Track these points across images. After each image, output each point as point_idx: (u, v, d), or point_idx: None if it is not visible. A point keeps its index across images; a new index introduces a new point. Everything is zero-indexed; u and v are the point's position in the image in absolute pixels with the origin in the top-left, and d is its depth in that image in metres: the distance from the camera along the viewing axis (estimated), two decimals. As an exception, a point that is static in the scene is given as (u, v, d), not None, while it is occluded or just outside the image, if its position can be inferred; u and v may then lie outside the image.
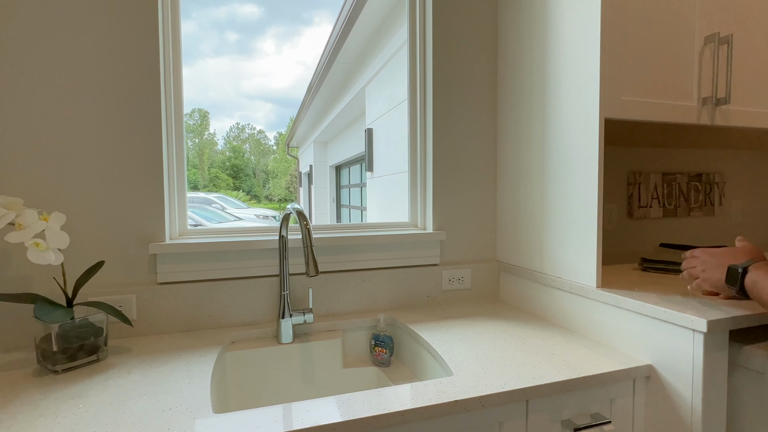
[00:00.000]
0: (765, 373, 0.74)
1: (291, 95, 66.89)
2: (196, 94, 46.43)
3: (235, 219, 8.17)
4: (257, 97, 67.51)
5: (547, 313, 1.13)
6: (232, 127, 39.50)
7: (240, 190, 27.91)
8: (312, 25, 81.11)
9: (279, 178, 29.09)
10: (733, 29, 1.09)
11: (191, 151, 31.24)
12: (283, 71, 73.18)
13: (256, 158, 34.10)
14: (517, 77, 1.24)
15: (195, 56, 59.83)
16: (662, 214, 1.60)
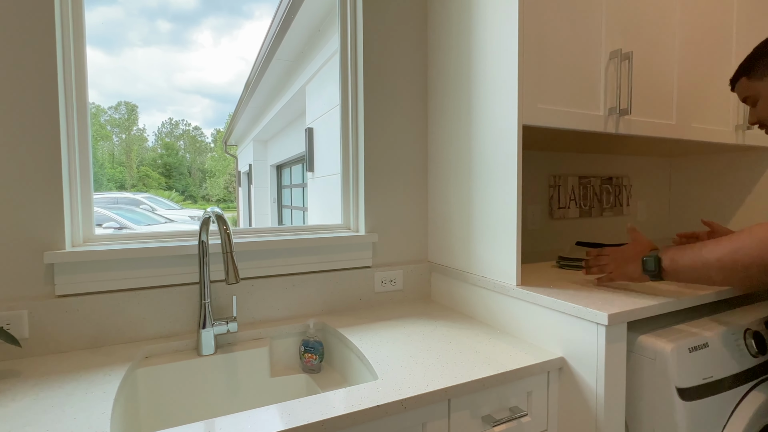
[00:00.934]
0: (656, 358, 0.82)
1: (230, 91, 64.04)
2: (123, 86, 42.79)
3: (166, 221, 7.65)
4: (193, 92, 63.79)
5: (475, 312, 1.17)
6: (165, 122, 36.92)
7: (173, 190, 26.19)
8: (253, 19, 78.24)
9: (217, 178, 27.73)
10: (633, 47, 1.20)
11: (117, 148, 28.76)
12: (221, 65, 69.85)
13: (192, 156, 32.26)
14: (446, 83, 1.27)
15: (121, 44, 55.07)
16: (579, 214, 1.72)
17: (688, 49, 1.33)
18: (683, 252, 0.85)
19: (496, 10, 1.05)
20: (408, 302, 1.33)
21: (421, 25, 1.35)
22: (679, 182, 2.01)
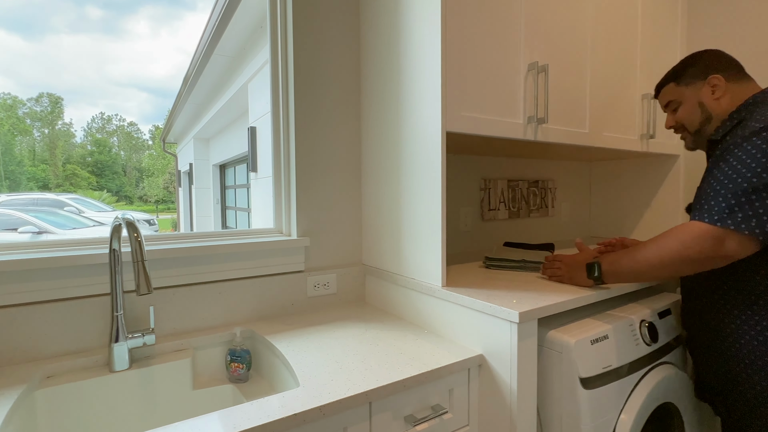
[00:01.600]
0: (562, 351, 0.88)
1: (171, 85, 60.45)
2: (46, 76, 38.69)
3: (95, 224, 7.08)
4: (129, 85, 59.50)
5: (405, 313, 1.19)
6: (96, 117, 34.10)
7: (105, 190, 24.28)
8: (196, 11, 74.50)
9: (156, 177, 26.06)
10: (549, 60, 1.29)
11: (39, 144, 26.17)
12: (161, 58, 65.81)
13: (127, 154, 30.14)
14: (376, 87, 1.29)
15: (43, 30, 49.96)
16: (508, 216, 1.82)
17: (598, 63, 1.44)
18: (619, 257, 0.96)
19: (420, 20, 1.07)
20: (342, 306, 1.33)
21: (354, 28, 1.36)
22: (598, 185, 2.18)
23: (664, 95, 1.12)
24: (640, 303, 1.11)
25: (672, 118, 1.11)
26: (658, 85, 1.14)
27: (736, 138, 0.88)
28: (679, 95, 1.07)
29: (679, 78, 1.08)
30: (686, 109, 1.06)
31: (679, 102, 1.07)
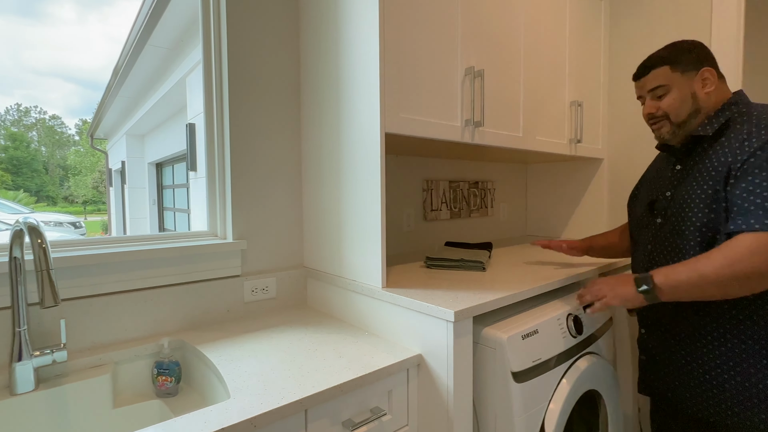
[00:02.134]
0: (495, 347, 0.91)
1: (101, 77, 55.83)
2: (-53, 61, 33.87)
3: (6, 228, 6.35)
4: (51, 74, 54.16)
5: (346, 315, 1.18)
6: (10, 108, 30.64)
7: (22, 189, 21.92)
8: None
9: (83, 176, 23.93)
10: (485, 65, 1.33)
11: (-61, 137, 23.15)
12: (89, 46, 60.54)
13: (50, 150, 27.44)
14: (316, 86, 1.26)
15: (-57, 9, 44.12)
16: (450, 216, 1.86)
17: (531, 70, 1.52)
18: (675, 269, 0.87)
19: (359, 23, 1.07)
20: (282, 310, 1.29)
21: (292, 21, 1.32)
22: (534, 186, 2.30)
23: (654, 78, 1.00)
24: (567, 297, 1.18)
25: (654, 105, 1.00)
26: (648, 66, 1.01)
27: (752, 142, 0.85)
28: (671, 81, 0.98)
29: (675, 63, 0.97)
30: (676, 98, 0.97)
31: (669, 89, 0.98)
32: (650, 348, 1.05)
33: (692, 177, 0.95)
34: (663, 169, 1.09)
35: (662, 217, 1.01)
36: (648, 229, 1.05)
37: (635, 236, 1.12)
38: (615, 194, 2.00)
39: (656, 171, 1.12)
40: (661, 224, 1.01)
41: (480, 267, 1.28)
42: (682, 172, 1.00)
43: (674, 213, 0.97)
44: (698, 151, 0.96)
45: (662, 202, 1.02)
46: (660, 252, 1.00)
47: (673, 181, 1.01)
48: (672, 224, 0.97)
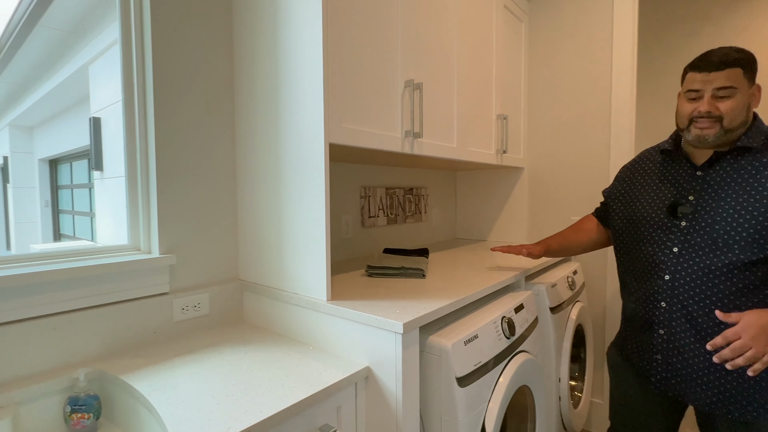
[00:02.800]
0: (441, 355, 0.95)
1: (-29, 55, 47.31)
2: None
3: None
4: None
5: (289, 330, 1.14)
6: None
7: None
8: (8, -35, 59.76)
9: (-51, 172, 20.07)
10: (424, 78, 1.38)
11: None
12: (-47, 18, 51.03)
13: None
14: (253, 93, 1.20)
15: None
16: (386, 222, 1.89)
17: (463, 85, 1.60)
18: None
19: (302, 34, 1.04)
20: (216, 328, 1.21)
21: (225, 12, 1.24)
22: (463, 191, 2.42)
23: (727, 77, 0.95)
24: (500, 301, 1.27)
25: (714, 104, 0.96)
26: (724, 62, 0.95)
27: None
28: (740, 85, 0.94)
29: (748, 69, 0.95)
30: (739, 103, 0.95)
31: (736, 92, 0.95)
32: (670, 351, 1.04)
33: (728, 187, 0.98)
34: (672, 171, 1.10)
35: (688, 221, 1.02)
36: (668, 230, 1.05)
37: (638, 235, 1.12)
38: (534, 200, 2.19)
39: (660, 173, 1.13)
40: (688, 228, 1.02)
41: (420, 274, 1.32)
42: (704, 178, 1.02)
43: (713, 220, 0.98)
44: (731, 161, 0.98)
45: (687, 206, 1.03)
46: (693, 255, 1.00)
47: (696, 187, 1.03)
48: (707, 230, 0.99)
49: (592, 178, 1.99)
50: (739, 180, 0.97)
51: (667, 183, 1.10)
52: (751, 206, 0.94)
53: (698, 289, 0.99)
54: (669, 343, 1.05)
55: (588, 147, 2.00)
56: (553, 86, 2.09)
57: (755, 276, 0.94)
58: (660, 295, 1.06)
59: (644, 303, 1.10)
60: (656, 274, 1.07)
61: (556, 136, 2.09)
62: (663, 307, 1.06)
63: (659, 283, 1.06)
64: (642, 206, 1.14)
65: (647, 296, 1.09)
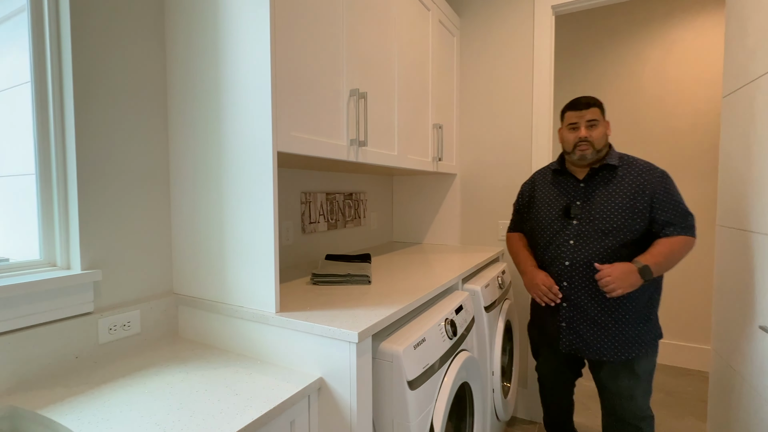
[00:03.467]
0: (392, 360, 0.98)
1: None
2: None
3: None
4: None
5: (233, 345, 1.09)
6: None
7: None
8: None
9: None
10: (368, 88, 1.40)
11: None
12: None
13: None
14: (192, 98, 1.13)
15: None
16: (327, 228, 1.88)
17: (403, 95, 1.65)
18: (655, 256, 1.32)
19: (248, 42, 1.00)
20: (150, 347, 1.11)
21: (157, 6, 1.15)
22: (399, 196, 2.49)
23: (593, 112, 1.42)
24: (441, 303, 1.33)
25: (587, 132, 1.42)
26: (589, 103, 1.43)
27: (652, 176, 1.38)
28: (600, 119, 1.43)
29: (602, 108, 1.45)
30: (600, 132, 1.43)
31: (599, 124, 1.43)
32: (572, 319, 1.45)
33: (605, 194, 1.42)
34: (561, 183, 1.53)
35: (578, 220, 1.44)
36: (564, 228, 1.46)
37: (544, 233, 1.52)
38: (465, 204, 2.33)
39: (553, 186, 1.55)
40: (579, 225, 1.44)
41: (366, 280, 1.34)
42: (586, 188, 1.46)
43: (594, 217, 1.41)
44: (602, 175, 1.44)
45: (576, 209, 1.45)
46: (584, 245, 1.41)
47: (580, 194, 1.46)
48: (593, 225, 1.41)
49: (516, 184, 2.17)
50: (608, 187, 1.43)
51: (559, 193, 1.53)
52: (618, 205, 1.39)
53: (590, 268, 1.41)
54: (571, 312, 1.45)
55: (513, 154, 2.18)
56: (481, 97, 2.24)
57: (627, 252, 1.38)
58: (563, 277, 1.46)
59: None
60: (559, 261, 1.47)
61: (485, 144, 2.25)
62: (565, 285, 1.46)
63: (561, 268, 1.46)
64: (544, 212, 1.54)
65: (554, 278, 1.48)
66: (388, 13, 1.53)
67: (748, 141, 1.41)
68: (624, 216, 1.37)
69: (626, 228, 1.37)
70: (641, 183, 1.39)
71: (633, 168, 1.43)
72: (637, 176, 1.40)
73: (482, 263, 1.81)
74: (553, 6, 2.04)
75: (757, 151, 1.34)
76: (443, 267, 1.64)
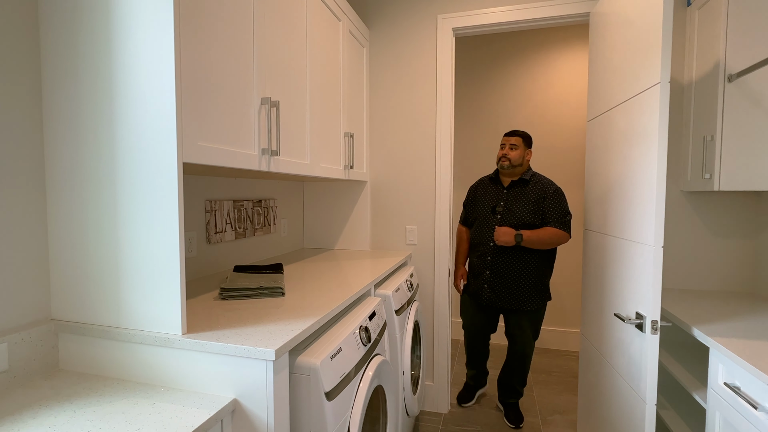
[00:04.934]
0: (310, 374, 0.98)
1: None
2: None
3: None
4: None
5: (132, 374, 0.99)
6: None
7: None
8: None
9: None
10: (280, 96, 1.38)
11: None
12: None
13: None
14: (78, 103, 1.00)
15: None
16: (235, 237, 1.80)
17: (315, 104, 1.66)
18: (528, 233, 2.01)
19: (151, 46, 0.92)
20: (22, 386, 0.96)
21: (27, 4, 0.99)
22: (310, 202, 2.48)
23: (516, 140, 2.13)
24: (355, 311, 1.37)
25: (508, 151, 2.13)
26: (517, 133, 2.15)
27: (548, 189, 2.07)
28: (520, 145, 2.13)
29: (524, 138, 2.16)
30: (517, 154, 2.12)
31: (517, 147, 2.12)
32: (492, 282, 2.14)
33: (519, 199, 2.10)
34: (493, 190, 2.21)
35: (501, 215, 2.12)
36: (492, 220, 2.14)
37: (479, 225, 2.20)
38: (376, 211, 2.40)
39: (485, 191, 2.24)
40: (501, 219, 2.11)
41: (279, 292, 1.32)
42: (509, 194, 2.15)
43: (510, 214, 2.09)
44: (518, 186, 2.13)
45: (500, 208, 2.14)
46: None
47: (504, 198, 2.15)
48: (509, 219, 2.09)
49: (422, 192, 2.31)
50: (521, 196, 2.12)
51: (491, 196, 2.21)
52: (526, 207, 2.08)
53: (507, 247, 2.10)
54: (492, 278, 2.15)
55: (420, 164, 2.31)
56: (390, 109, 2.34)
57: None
58: (488, 254, 2.15)
59: (480, 258, 2.19)
60: (486, 242, 2.16)
61: (394, 154, 2.35)
62: (489, 260, 2.15)
63: (488, 247, 2.15)
64: (480, 208, 2.23)
65: (482, 255, 2.18)
66: (300, 22, 1.53)
67: (607, 159, 1.71)
68: (528, 214, 2.06)
69: (529, 221, 2.05)
70: (542, 193, 2.07)
71: (539, 183, 2.11)
72: (540, 189, 2.08)
73: (392, 268, 1.90)
74: (453, 28, 2.21)
75: (612, 169, 1.64)
76: (356, 274, 1.68)
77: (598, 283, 1.76)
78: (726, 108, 1.59)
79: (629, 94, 1.50)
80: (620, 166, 1.56)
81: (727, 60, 1.59)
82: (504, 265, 2.10)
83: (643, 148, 1.37)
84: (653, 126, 1.30)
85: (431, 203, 2.31)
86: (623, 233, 1.51)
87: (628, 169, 1.49)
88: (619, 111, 1.59)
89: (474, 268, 2.23)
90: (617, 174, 1.59)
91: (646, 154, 1.34)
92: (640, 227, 1.38)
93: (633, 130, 1.46)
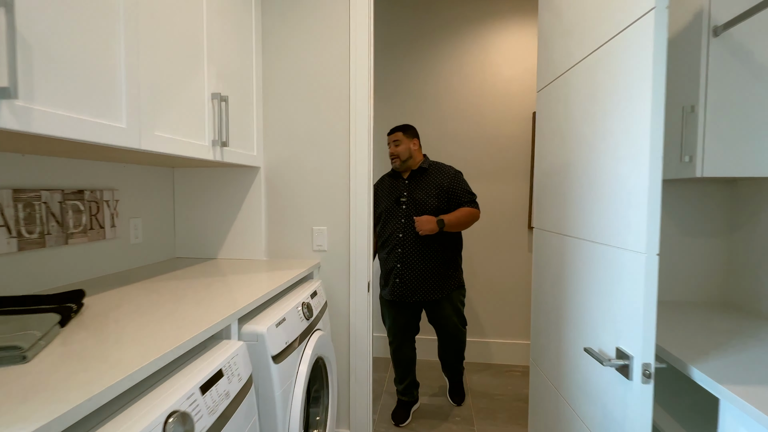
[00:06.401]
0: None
1: None
2: None
3: None
4: None
5: None
6: None
7: None
8: None
9: None
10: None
11: None
12: None
13: None
14: None
15: None
16: (18, 248, 1.13)
17: (133, 27, 1.05)
18: (448, 216, 2.00)
19: None
20: None
21: None
22: (183, 196, 1.84)
23: (396, 136, 2.10)
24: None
25: (393, 149, 2.11)
26: (396, 129, 2.11)
27: (449, 172, 2.11)
28: (402, 139, 2.10)
29: (405, 131, 2.11)
30: (403, 148, 2.09)
31: (400, 143, 2.09)
32: (403, 274, 2.07)
33: (421, 187, 2.07)
34: (393, 183, 2.16)
35: (406, 205, 2.07)
36: (397, 211, 2.09)
37: (386, 219, 2.12)
38: (273, 208, 1.83)
39: (387, 186, 2.18)
40: (406, 209, 2.06)
41: (16, 358, 0.70)
42: (410, 184, 2.11)
43: (415, 203, 2.05)
44: (418, 175, 2.11)
45: (404, 198, 2.08)
46: (411, 222, 2.05)
47: (407, 188, 2.10)
48: (415, 207, 2.05)
49: (334, 183, 1.78)
50: (422, 183, 2.09)
51: (393, 189, 2.16)
52: (429, 193, 2.05)
53: (417, 237, 2.05)
54: (403, 271, 2.08)
55: (330, 146, 1.78)
56: (291, 71, 1.77)
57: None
58: (398, 246, 2.08)
59: (390, 252, 2.11)
60: (395, 234, 2.08)
61: (296, 131, 1.79)
62: (399, 252, 2.08)
63: (397, 240, 2.08)
64: (384, 202, 2.15)
65: (391, 248, 2.10)
66: None
67: (565, 135, 1.28)
68: (433, 198, 2.04)
69: (434, 206, 2.03)
70: (442, 178, 2.09)
71: (439, 170, 2.13)
72: (440, 174, 2.10)
73: (282, 286, 1.33)
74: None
75: (573, 147, 1.20)
76: (218, 297, 1.10)
77: (557, 302, 1.33)
78: (711, 70, 1.22)
79: (600, 41, 1.07)
80: (585, 142, 1.13)
81: (712, 8, 1.22)
82: (414, 255, 2.05)
83: (626, 113, 0.94)
84: (644, 75, 0.87)
85: (345, 198, 1.78)
86: (595, 235, 1.08)
87: (597, 146, 1.06)
88: (582, 68, 1.17)
89: (385, 264, 2.14)
90: (580, 153, 1.16)
91: (630, 122, 0.91)
92: (620, 226, 0.95)
93: (606, 88, 1.03)
